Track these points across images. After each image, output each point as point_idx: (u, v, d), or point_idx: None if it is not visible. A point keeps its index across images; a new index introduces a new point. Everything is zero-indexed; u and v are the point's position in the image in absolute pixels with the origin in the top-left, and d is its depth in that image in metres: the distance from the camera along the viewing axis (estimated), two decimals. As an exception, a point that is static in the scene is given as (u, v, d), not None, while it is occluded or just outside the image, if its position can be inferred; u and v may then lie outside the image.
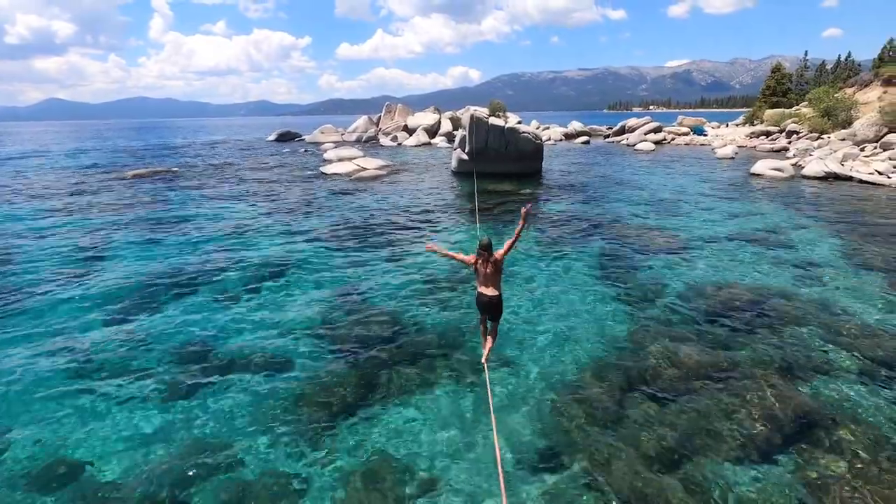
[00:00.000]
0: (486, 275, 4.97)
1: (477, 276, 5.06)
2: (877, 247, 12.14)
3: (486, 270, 4.95)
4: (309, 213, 17.43)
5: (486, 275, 4.97)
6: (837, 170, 22.74)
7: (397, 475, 4.95)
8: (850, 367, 6.77)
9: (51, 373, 6.85)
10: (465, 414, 5.91)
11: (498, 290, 5.06)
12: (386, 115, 58.19)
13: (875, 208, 16.63)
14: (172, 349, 7.51)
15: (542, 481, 4.86)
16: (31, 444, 5.43)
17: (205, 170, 30.95)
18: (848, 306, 8.66)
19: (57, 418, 5.88)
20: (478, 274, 5.04)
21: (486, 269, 4.95)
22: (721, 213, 16.32)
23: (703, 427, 5.55)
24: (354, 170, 28.02)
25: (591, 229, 14.57)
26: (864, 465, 4.95)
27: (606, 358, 7.10)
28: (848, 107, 34.74)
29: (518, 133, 25.17)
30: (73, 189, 23.14)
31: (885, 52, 51.56)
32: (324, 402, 6.13)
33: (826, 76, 60.68)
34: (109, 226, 15.50)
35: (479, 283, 5.09)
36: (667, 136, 47.58)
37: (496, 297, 5.05)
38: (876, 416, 5.71)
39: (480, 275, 5.01)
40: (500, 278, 5.06)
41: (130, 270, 11.19)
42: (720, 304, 8.87)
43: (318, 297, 9.55)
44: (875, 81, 41.47)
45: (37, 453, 5.31)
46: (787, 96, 54.61)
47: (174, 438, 5.52)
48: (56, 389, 6.45)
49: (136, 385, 6.55)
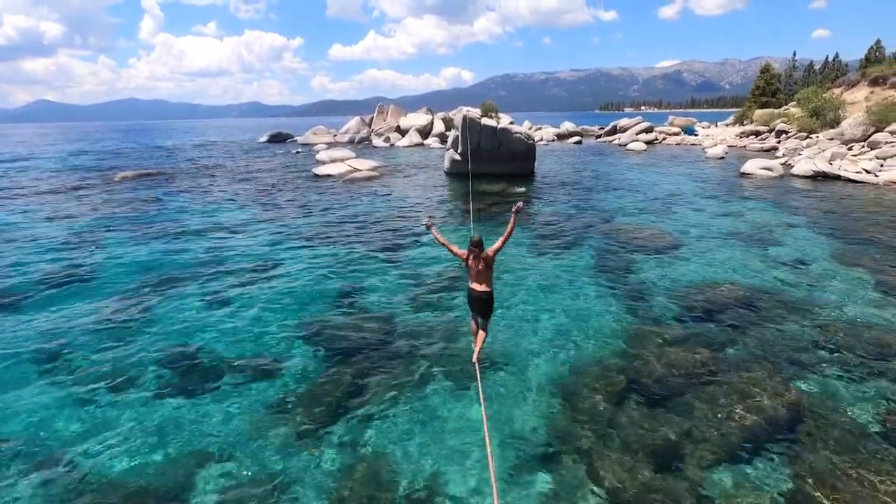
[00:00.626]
0: (478, 271, 5.00)
1: (468, 272, 5.11)
2: (864, 245, 12.28)
3: (477, 267, 4.98)
4: (300, 214, 17.34)
5: (478, 271, 5.00)
6: (826, 169, 22.99)
7: (389, 477, 4.93)
8: (838, 364, 6.83)
9: (34, 376, 6.75)
10: (457, 416, 5.89)
11: (489, 287, 5.08)
12: (378, 116, 58.10)
13: (863, 207, 16.82)
14: (161, 352, 7.42)
15: (535, 483, 4.85)
16: (14, 450, 5.34)
17: (195, 171, 30.71)
18: (837, 304, 8.75)
19: (41, 421, 5.79)
20: (469, 270, 5.08)
21: (477, 266, 4.98)
22: (712, 213, 16.44)
23: (695, 426, 5.57)
24: (347, 171, 27.93)
25: (583, 229, 14.62)
26: (851, 460, 5.00)
27: (599, 357, 7.11)
28: (836, 106, 35.14)
29: (510, 133, 25.22)
30: (60, 191, 22.87)
31: (872, 53, 52.30)
32: (315, 404, 6.08)
33: (814, 76, 61.43)
34: (96, 228, 15.32)
35: (470, 278, 5.12)
36: (658, 136, 47.92)
37: (487, 294, 5.06)
38: (863, 411, 5.76)
39: (472, 271, 5.05)
40: (492, 275, 5.10)
41: (117, 273, 11.06)
42: (711, 302, 8.93)
43: (310, 298, 9.49)
44: (862, 81, 42.02)
45: (21, 456, 5.22)
46: (777, 96, 55.23)
47: (164, 441, 5.45)
48: (42, 393, 6.36)
49: (123, 388, 6.46)
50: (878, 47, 52.76)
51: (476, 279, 5.04)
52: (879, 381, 6.36)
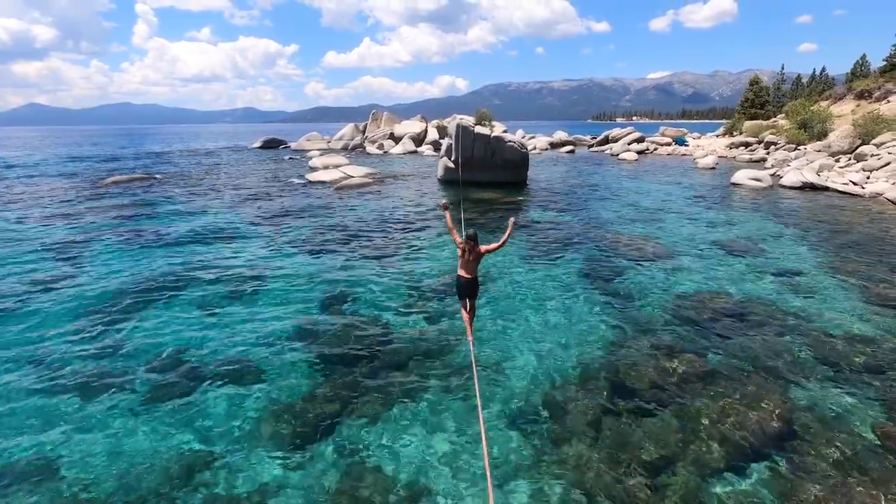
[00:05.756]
0: (468, 261, 5.67)
1: (460, 260, 5.77)
2: (851, 255, 12.43)
3: (468, 258, 5.64)
4: (293, 220, 17.25)
5: (468, 261, 5.67)
6: (814, 180, 23.34)
7: (382, 483, 4.87)
8: (829, 374, 6.88)
9: (21, 384, 6.61)
10: (450, 421, 5.85)
11: (475, 276, 5.82)
12: (372, 123, 58.23)
13: (850, 218, 17.06)
14: (150, 359, 7.31)
15: (529, 487, 4.81)
16: (3, 458, 5.23)
17: (187, 176, 30.52)
18: (824, 314, 8.83)
19: (28, 429, 5.66)
20: (461, 259, 5.73)
21: (468, 257, 5.63)
22: (702, 222, 16.58)
23: (686, 434, 5.57)
24: (340, 177, 27.90)
25: (575, 237, 14.68)
26: (843, 468, 5.01)
27: (591, 366, 7.11)
28: (823, 119, 35.77)
29: (504, 142, 25.35)
30: (49, 195, 22.60)
31: (858, 67, 53.41)
32: (307, 411, 6.01)
33: (802, 89, 62.55)
34: (84, 233, 15.13)
35: (460, 267, 5.78)
36: (649, 146, 48.45)
37: (473, 281, 5.81)
38: (855, 422, 5.79)
39: (463, 260, 5.71)
40: (478, 267, 5.85)
41: (105, 279, 10.91)
42: (701, 311, 8.97)
43: (302, 305, 9.41)
44: (848, 95, 42.89)
45: (9, 466, 5.10)
46: (765, 108, 56.14)
47: (152, 449, 5.35)
48: (27, 400, 6.23)
49: (111, 396, 6.34)
50: (864, 62, 53.93)
51: (465, 268, 5.73)
52: (870, 392, 6.40)
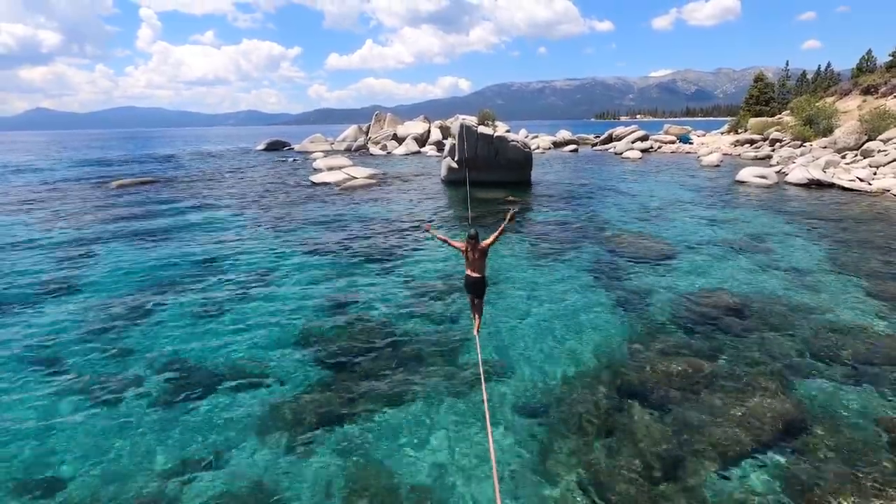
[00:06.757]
0: (474, 260, 5.74)
1: (466, 261, 5.84)
2: (858, 252, 12.34)
3: (474, 256, 5.71)
4: (297, 221, 17.32)
5: (474, 260, 5.74)
6: (820, 177, 23.17)
7: (388, 485, 4.88)
8: (833, 370, 6.83)
9: (26, 383, 6.67)
10: (456, 419, 5.86)
11: (483, 274, 5.87)
12: (375, 125, 58.32)
13: (856, 214, 16.94)
14: (154, 359, 7.36)
15: (535, 485, 4.80)
16: (6, 458, 5.27)
17: (191, 179, 30.69)
18: (832, 311, 8.77)
19: (32, 428, 5.71)
20: (467, 259, 5.81)
21: (474, 256, 5.71)
22: (708, 220, 16.51)
23: (694, 433, 5.55)
24: (344, 179, 27.97)
25: (580, 236, 14.65)
26: (852, 466, 4.98)
27: (597, 365, 7.10)
28: (829, 115, 35.50)
29: (507, 142, 25.33)
30: (55, 199, 22.79)
31: (864, 63, 52.94)
32: (310, 412, 6.04)
33: (807, 86, 62.09)
34: (91, 235, 15.25)
35: (467, 266, 5.85)
36: (653, 145, 48.25)
37: (481, 279, 5.87)
38: (862, 418, 5.75)
39: (469, 260, 5.78)
40: (485, 264, 5.89)
41: (112, 282, 10.99)
42: (708, 309, 8.93)
43: (307, 306, 9.44)
44: (854, 91, 42.57)
45: (11, 467, 5.14)
46: (770, 105, 55.71)
47: (154, 449, 5.39)
48: (34, 400, 6.29)
49: (117, 396, 6.40)
50: (870, 57, 53.43)
51: (472, 267, 5.80)
52: (878, 388, 6.36)
